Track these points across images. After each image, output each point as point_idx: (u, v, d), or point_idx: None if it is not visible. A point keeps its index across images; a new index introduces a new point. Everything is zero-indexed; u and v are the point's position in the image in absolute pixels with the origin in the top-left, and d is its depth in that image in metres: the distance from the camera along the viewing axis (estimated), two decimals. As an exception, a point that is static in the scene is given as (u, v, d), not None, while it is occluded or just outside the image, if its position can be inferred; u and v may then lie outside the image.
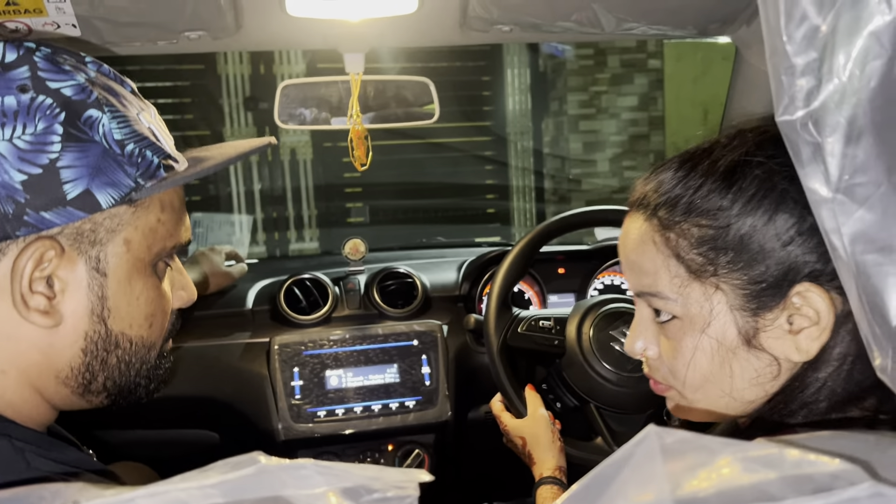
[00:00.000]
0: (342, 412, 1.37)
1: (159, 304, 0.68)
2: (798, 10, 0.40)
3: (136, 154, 0.62)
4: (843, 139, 0.41)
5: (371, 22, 1.11)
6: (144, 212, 0.64)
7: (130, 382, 0.67)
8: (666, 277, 0.65)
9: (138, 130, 0.62)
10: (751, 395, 0.63)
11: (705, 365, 0.64)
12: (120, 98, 0.63)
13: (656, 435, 0.36)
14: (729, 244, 0.61)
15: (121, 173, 0.60)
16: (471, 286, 1.56)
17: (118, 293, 0.63)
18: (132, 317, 0.65)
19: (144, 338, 0.67)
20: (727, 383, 0.64)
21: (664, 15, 1.13)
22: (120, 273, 0.63)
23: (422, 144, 4.91)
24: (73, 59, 0.62)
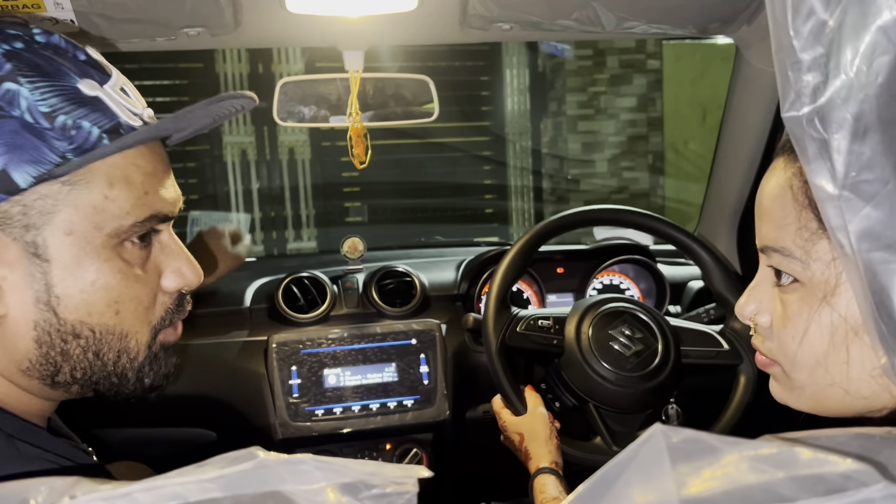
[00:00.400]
0: (340, 411, 1.37)
1: (126, 288, 0.62)
2: (805, 5, 0.40)
3: (70, 126, 0.57)
4: (850, 136, 0.40)
5: (371, 19, 1.11)
6: (85, 189, 0.58)
7: (110, 374, 0.63)
8: (793, 230, 0.56)
9: (75, 100, 0.58)
10: (867, 390, 0.54)
11: (818, 343, 0.56)
12: (59, 66, 0.58)
13: (662, 434, 0.36)
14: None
15: (44, 148, 0.56)
16: (469, 285, 1.56)
17: (66, 279, 0.59)
18: (89, 304, 0.60)
19: (111, 326, 0.62)
20: (840, 371, 0.55)
21: (664, 14, 1.13)
22: (65, 257, 0.58)
23: (420, 144, 4.91)
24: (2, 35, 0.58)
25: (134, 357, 0.64)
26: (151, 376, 0.67)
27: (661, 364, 1.19)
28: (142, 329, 0.65)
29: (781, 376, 0.62)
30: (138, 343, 0.65)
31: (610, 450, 1.17)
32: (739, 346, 1.23)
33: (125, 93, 0.63)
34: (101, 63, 0.63)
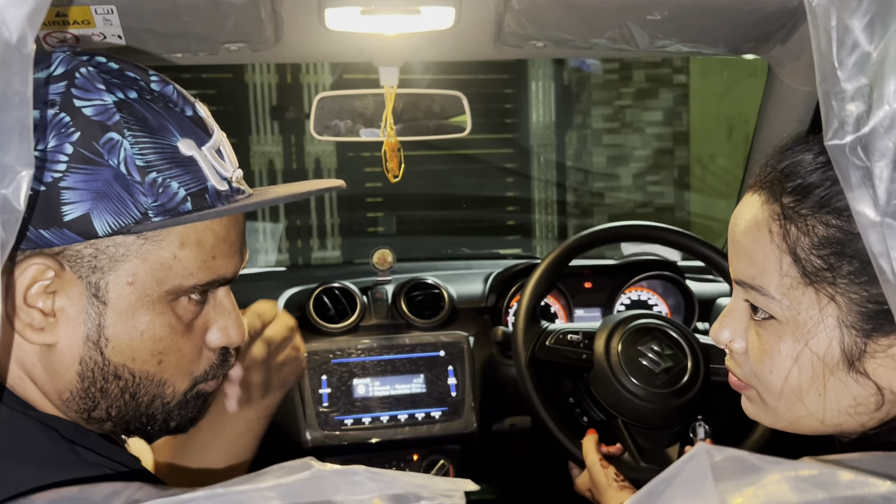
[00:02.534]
0: (369, 421, 1.38)
1: (172, 341, 0.64)
2: (850, 37, 0.41)
3: (158, 184, 0.59)
4: (893, 164, 0.41)
5: (407, 36, 1.13)
6: (156, 245, 0.60)
7: (141, 415, 0.65)
8: (775, 275, 0.59)
9: (170, 159, 0.60)
10: (840, 420, 0.58)
11: (795, 379, 0.59)
12: (164, 122, 0.60)
13: (706, 452, 0.37)
14: (857, 252, 0.54)
15: (129, 202, 0.58)
16: (497, 298, 1.57)
17: (118, 324, 0.61)
18: (134, 350, 0.62)
19: (151, 373, 0.63)
20: (815, 403, 0.58)
21: (698, 33, 1.13)
22: (121, 304, 0.60)
23: (444, 156, 4.94)
24: (121, 78, 0.60)
25: (168, 402, 0.66)
26: (177, 419, 0.68)
27: (690, 381, 1.20)
28: (181, 379, 0.66)
29: (755, 398, 0.65)
30: (175, 391, 0.66)
31: (638, 465, 1.18)
32: (769, 364, 1.22)
33: (220, 154, 0.64)
34: (206, 121, 0.65)
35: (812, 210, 0.57)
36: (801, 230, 0.57)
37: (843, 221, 0.55)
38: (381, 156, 1.25)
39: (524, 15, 1.05)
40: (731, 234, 0.64)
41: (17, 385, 0.61)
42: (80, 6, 0.95)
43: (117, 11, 0.96)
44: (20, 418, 0.59)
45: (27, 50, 0.37)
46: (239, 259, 0.68)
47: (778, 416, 0.63)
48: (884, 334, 0.55)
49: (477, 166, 5.04)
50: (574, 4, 1.03)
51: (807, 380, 0.58)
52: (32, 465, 0.55)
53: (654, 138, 5.01)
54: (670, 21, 1.07)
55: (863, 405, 0.56)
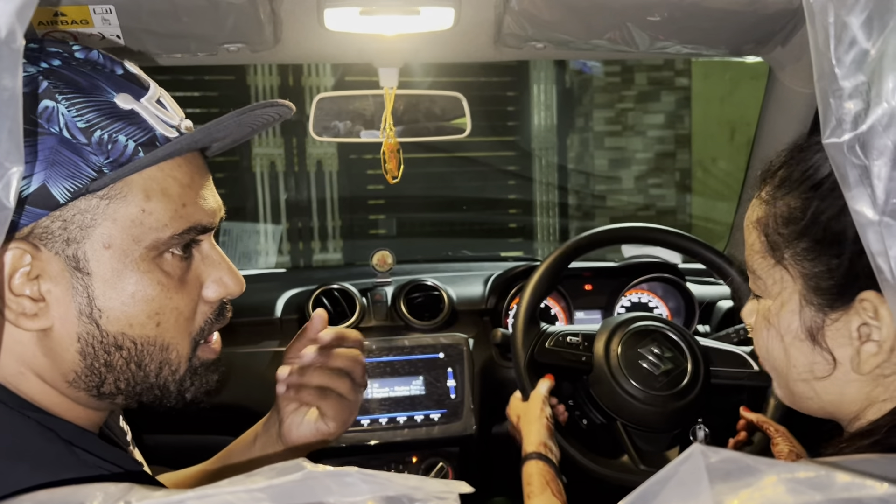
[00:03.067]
0: (367, 423, 1.38)
1: (166, 299, 0.62)
2: (847, 34, 0.40)
3: (106, 140, 0.58)
4: (891, 163, 0.41)
5: (407, 37, 1.12)
6: (121, 203, 0.59)
7: (153, 386, 0.64)
8: (757, 255, 0.65)
9: (111, 114, 0.59)
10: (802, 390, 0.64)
11: (772, 349, 0.65)
12: (96, 82, 0.59)
13: (701, 454, 0.37)
14: (808, 230, 0.60)
15: (81, 163, 0.57)
16: (497, 300, 1.57)
17: (107, 292, 0.60)
18: (130, 316, 0.61)
19: (153, 337, 0.63)
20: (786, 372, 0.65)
21: (698, 34, 1.13)
22: (105, 271, 0.59)
23: (446, 158, 4.93)
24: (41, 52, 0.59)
25: (175, 369, 0.65)
26: (192, 391, 0.67)
27: (690, 384, 1.19)
28: (182, 340, 0.65)
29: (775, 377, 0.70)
30: (179, 355, 0.65)
31: (637, 468, 1.17)
32: (769, 367, 1.22)
33: (162, 105, 0.64)
34: (139, 76, 0.64)
35: (780, 192, 0.63)
36: (770, 212, 0.63)
37: (800, 201, 0.60)
38: (381, 157, 1.24)
39: (524, 16, 1.05)
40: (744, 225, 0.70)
41: (15, 382, 0.60)
42: (78, 6, 0.95)
43: (116, 11, 0.96)
44: (17, 418, 0.58)
45: (16, 45, 0.36)
46: (213, 204, 0.67)
47: (780, 390, 0.68)
48: (834, 310, 0.59)
49: (479, 169, 5.04)
50: (573, 6, 1.02)
51: (780, 350, 0.64)
52: (29, 466, 0.54)
53: (655, 141, 5.01)
54: (670, 22, 1.07)
55: (813, 371, 0.62)
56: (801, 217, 0.60)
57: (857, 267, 0.55)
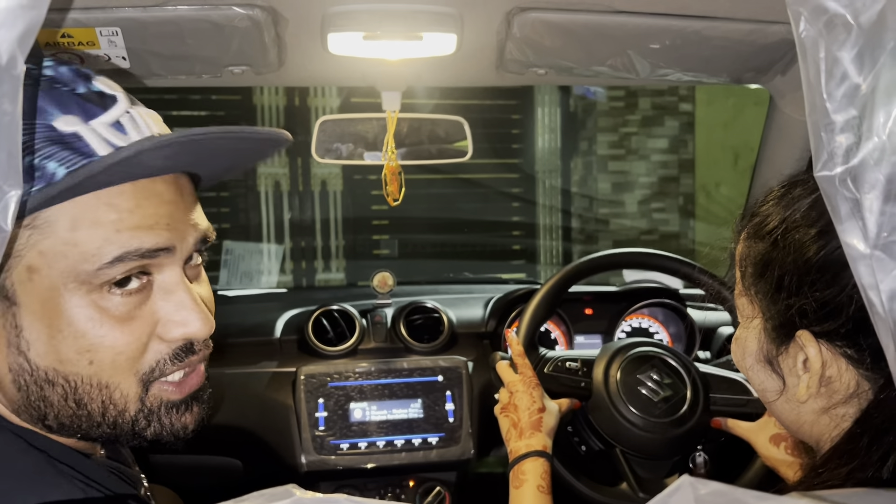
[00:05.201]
0: (365, 446, 1.37)
1: (99, 337, 0.57)
2: (839, 68, 0.41)
3: (35, 166, 0.53)
4: (882, 197, 0.41)
5: (410, 62, 1.13)
6: (45, 233, 0.55)
7: (100, 424, 0.59)
8: (739, 286, 0.72)
9: (45, 139, 0.54)
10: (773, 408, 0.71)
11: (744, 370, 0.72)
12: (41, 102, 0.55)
13: (690, 486, 0.37)
14: (764, 271, 0.67)
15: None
16: (497, 323, 1.56)
17: (34, 324, 0.56)
18: (59, 351, 0.56)
19: (87, 376, 0.57)
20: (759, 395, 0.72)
21: (699, 62, 1.14)
22: (31, 302, 0.56)
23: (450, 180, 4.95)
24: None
25: (123, 410, 0.60)
26: (151, 431, 0.62)
27: (689, 410, 1.18)
28: (126, 380, 0.59)
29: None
30: (123, 395, 0.59)
31: (636, 496, 1.16)
32: (769, 395, 1.21)
33: (119, 127, 0.58)
34: (103, 93, 0.59)
35: (753, 235, 0.69)
36: (744, 249, 0.70)
37: (764, 248, 0.67)
38: (382, 179, 1.25)
39: (525, 42, 1.06)
40: None
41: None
42: (85, 28, 0.96)
43: (122, 33, 0.98)
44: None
45: (17, 71, 0.37)
46: (166, 232, 0.59)
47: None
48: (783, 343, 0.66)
49: (483, 191, 5.05)
50: (575, 33, 1.03)
51: (746, 370, 0.72)
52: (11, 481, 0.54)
53: (659, 166, 5.02)
54: (671, 50, 1.08)
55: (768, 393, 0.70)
56: (762, 262, 0.67)
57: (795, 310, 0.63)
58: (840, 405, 0.63)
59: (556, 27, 1.02)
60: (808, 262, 0.62)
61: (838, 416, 0.64)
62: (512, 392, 1.14)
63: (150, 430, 0.62)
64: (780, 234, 0.65)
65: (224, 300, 1.73)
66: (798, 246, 0.63)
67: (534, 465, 1.03)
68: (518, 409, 1.11)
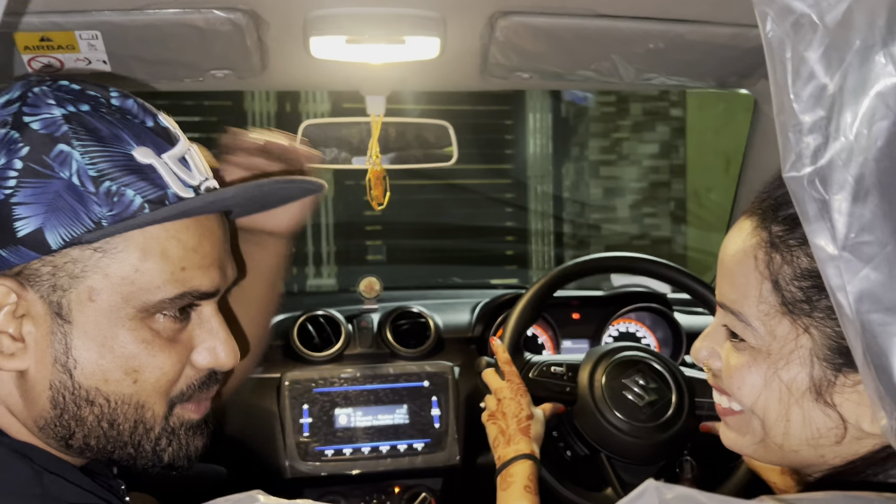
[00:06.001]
0: (350, 452, 1.37)
1: (149, 357, 0.60)
2: (806, 68, 0.41)
3: (113, 192, 0.57)
4: (850, 197, 0.41)
5: (393, 66, 1.13)
6: (115, 258, 0.58)
7: (126, 444, 0.62)
8: (755, 301, 0.59)
9: (125, 167, 0.58)
10: (797, 448, 0.58)
11: (763, 402, 0.59)
12: (119, 132, 0.59)
13: (655, 490, 0.36)
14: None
15: (82, 212, 0.56)
16: (484, 328, 1.56)
17: (85, 344, 0.58)
18: (106, 371, 0.59)
19: (128, 395, 0.60)
20: (778, 429, 0.59)
21: (682, 66, 1.14)
22: (87, 323, 0.58)
23: (442, 185, 4.95)
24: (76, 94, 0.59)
25: (150, 428, 0.62)
26: (170, 452, 0.64)
27: (675, 415, 1.18)
28: (159, 401, 0.62)
29: (734, 424, 0.65)
30: (154, 414, 0.62)
31: (621, 501, 1.16)
32: (755, 399, 1.21)
33: (185, 163, 0.62)
34: (170, 131, 0.63)
35: (799, 241, 0.57)
36: (786, 260, 0.57)
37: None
38: (366, 184, 1.25)
39: (509, 46, 1.05)
40: (720, 257, 0.65)
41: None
42: (64, 31, 0.96)
43: (102, 37, 0.97)
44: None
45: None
46: (218, 273, 0.64)
47: (748, 442, 0.63)
48: (854, 370, 0.54)
49: (475, 196, 5.05)
50: (558, 36, 1.03)
51: (774, 406, 0.59)
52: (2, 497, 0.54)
53: (650, 171, 5.03)
54: (654, 54, 1.08)
55: (824, 437, 0.57)
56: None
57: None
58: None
59: (539, 31, 1.02)
60: None
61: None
62: (499, 399, 1.13)
63: (170, 451, 0.64)
64: None
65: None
66: None
67: (521, 467, 1.02)
68: (506, 416, 1.10)
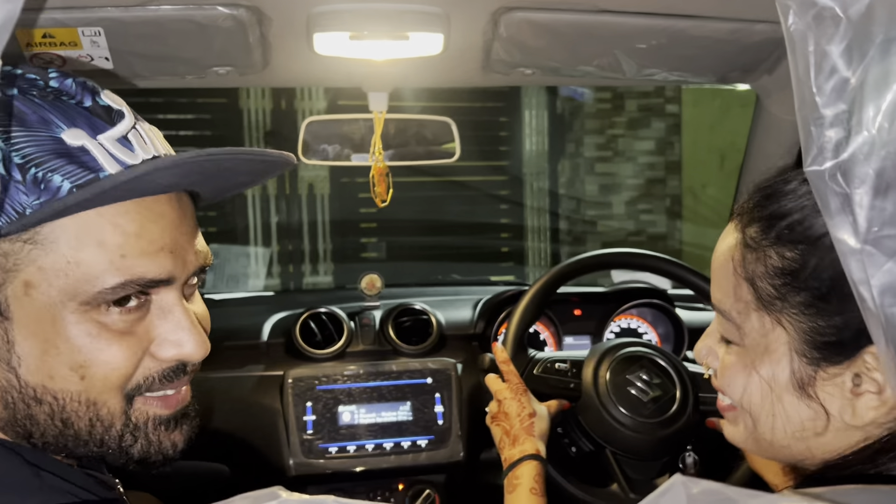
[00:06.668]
0: (353, 449, 1.36)
1: (96, 351, 0.56)
2: (828, 62, 0.40)
3: (39, 179, 0.52)
4: (872, 191, 0.41)
5: (396, 62, 1.13)
6: (48, 249, 0.54)
7: (87, 442, 0.58)
8: (734, 300, 0.62)
9: (52, 151, 0.53)
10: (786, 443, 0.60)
11: (748, 398, 0.62)
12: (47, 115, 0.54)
13: (682, 485, 0.36)
14: (808, 285, 0.57)
15: (5, 202, 0.52)
16: (486, 325, 1.56)
17: (27, 340, 0.55)
18: (51, 367, 0.55)
19: (76, 392, 0.56)
20: (767, 424, 0.61)
21: (685, 62, 1.14)
22: (26, 318, 0.54)
23: (438, 182, 4.94)
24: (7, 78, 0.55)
25: (110, 425, 0.59)
26: (139, 449, 0.61)
27: (679, 411, 1.18)
28: (113, 396, 0.58)
29: (734, 419, 0.66)
30: (110, 412, 0.58)
31: (627, 497, 1.16)
32: (758, 394, 1.21)
33: (125, 143, 0.57)
34: (111, 108, 0.58)
35: (771, 241, 0.59)
36: (759, 259, 0.60)
37: (798, 254, 0.57)
38: (369, 181, 1.24)
39: (512, 42, 1.05)
40: (712, 261, 0.67)
41: None
42: (67, 28, 0.95)
43: (104, 34, 0.97)
44: None
45: (-9, 66, 0.36)
46: (169, 259, 0.58)
47: (746, 436, 0.65)
48: (832, 364, 0.57)
49: (471, 193, 5.05)
50: (561, 32, 1.03)
51: (757, 401, 0.61)
52: None
53: (646, 167, 5.04)
54: (656, 50, 1.08)
55: (808, 429, 0.59)
56: (799, 270, 0.57)
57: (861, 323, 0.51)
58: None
59: (543, 27, 1.02)
60: None
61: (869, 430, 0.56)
62: (500, 400, 1.13)
63: (138, 448, 0.61)
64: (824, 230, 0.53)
65: (210, 303, 1.71)
66: None
67: (527, 468, 1.03)
68: (508, 416, 1.10)
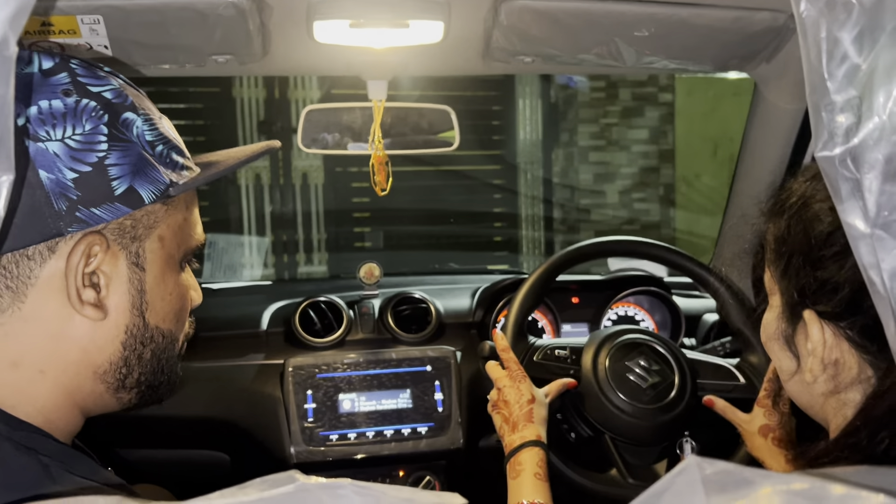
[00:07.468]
0: (354, 436, 1.37)
1: (185, 300, 0.71)
2: (839, 49, 0.41)
3: (165, 155, 0.66)
4: (882, 176, 0.41)
5: (396, 50, 1.13)
6: (175, 210, 0.67)
7: (159, 378, 0.70)
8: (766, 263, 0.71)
9: (164, 133, 0.66)
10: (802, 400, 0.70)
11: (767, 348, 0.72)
12: (145, 102, 0.67)
13: (697, 466, 0.37)
14: (781, 247, 0.66)
15: (157, 172, 0.64)
16: (485, 313, 1.56)
17: (154, 288, 0.66)
18: (164, 311, 0.68)
19: (172, 332, 0.70)
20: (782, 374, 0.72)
21: (685, 50, 1.14)
22: (155, 268, 0.66)
23: (431, 171, 4.94)
24: (104, 68, 0.66)
25: (173, 364, 0.71)
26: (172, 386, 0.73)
27: (677, 397, 1.19)
28: (181, 337, 0.73)
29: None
30: (178, 345, 0.72)
31: (626, 482, 1.17)
32: (756, 380, 1.22)
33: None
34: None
35: (776, 213, 0.68)
36: (769, 229, 0.70)
37: (784, 221, 0.66)
38: (369, 169, 1.24)
39: (512, 30, 1.05)
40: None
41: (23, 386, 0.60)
42: (66, 16, 0.95)
43: (104, 22, 0.96)
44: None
45: (9, 52, 0.36)
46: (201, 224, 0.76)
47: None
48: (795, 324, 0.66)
49: (465, 182, 5.05)
50: (561, 20, 1.03)
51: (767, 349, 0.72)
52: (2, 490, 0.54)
53: (639, 156, 5.05)
54: (657, 38, 1.08)
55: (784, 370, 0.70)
56: (779, 238, 0.67)
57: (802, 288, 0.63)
58: (845, 390, 0.62)
59: (543, 15, 1.02)
60: (815, 239, 0.61)
61: (842, 402, 0.63)
62: (500, 388, 1.14)
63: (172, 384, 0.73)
64: (797, 209, 0.64)
65: (209, 292, 1.72)
66: (809, 221, 0.62)
67: (529, 454, 1.04)
68: (508, 403, 1.11)
